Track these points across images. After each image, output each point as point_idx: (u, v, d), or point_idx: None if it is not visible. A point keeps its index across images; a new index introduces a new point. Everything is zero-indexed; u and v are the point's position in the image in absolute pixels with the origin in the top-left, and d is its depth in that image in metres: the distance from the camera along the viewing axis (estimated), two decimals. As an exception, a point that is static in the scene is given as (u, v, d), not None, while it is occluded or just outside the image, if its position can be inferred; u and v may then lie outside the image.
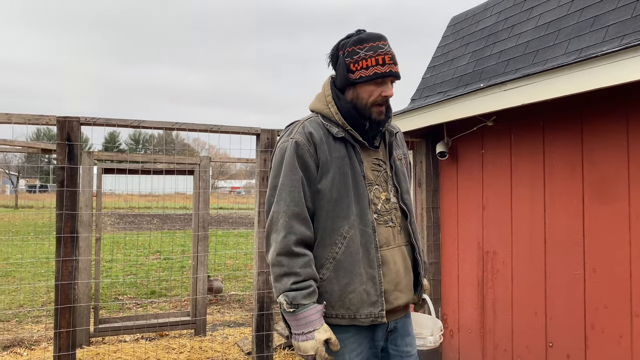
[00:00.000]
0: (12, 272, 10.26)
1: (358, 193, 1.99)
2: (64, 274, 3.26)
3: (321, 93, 2.11)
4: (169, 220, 23.61)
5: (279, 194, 1.95)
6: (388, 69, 1.98)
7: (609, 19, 3.34)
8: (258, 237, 3.78)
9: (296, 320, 1.88)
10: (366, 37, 2.00)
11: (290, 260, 1.89)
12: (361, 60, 1.98)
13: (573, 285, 3.32)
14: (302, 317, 1.87)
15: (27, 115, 3.34)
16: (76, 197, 3.31)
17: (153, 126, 3.60)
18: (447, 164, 4.44)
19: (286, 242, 1.89)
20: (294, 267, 1.88)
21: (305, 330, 1.87)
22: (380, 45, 1.98)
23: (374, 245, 1.98)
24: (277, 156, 2.01)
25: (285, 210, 1.92)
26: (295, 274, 1.88)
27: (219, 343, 5.62)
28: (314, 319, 1.87)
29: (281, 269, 1.89)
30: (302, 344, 1.87)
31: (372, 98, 2.00)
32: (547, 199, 3.52)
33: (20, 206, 31.60)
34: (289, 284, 1.87)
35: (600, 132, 3.20)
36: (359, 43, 2.00)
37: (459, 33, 5.24)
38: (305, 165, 1.95)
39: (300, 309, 1.86)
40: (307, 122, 2.04)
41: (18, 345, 5.53)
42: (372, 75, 1.97)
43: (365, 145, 2.05)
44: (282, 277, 1.89)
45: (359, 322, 1.95)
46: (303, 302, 1.87)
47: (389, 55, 1.98)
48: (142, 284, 9.25)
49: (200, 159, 5.95)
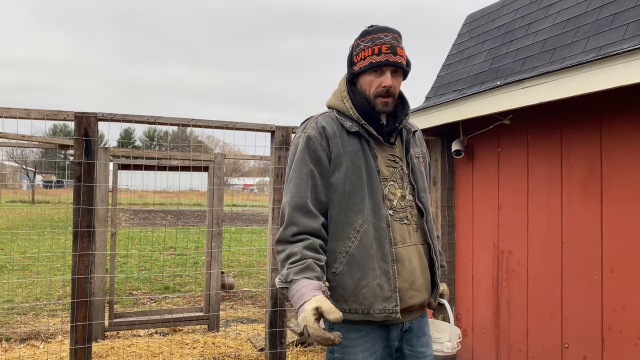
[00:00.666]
0: (29, 266, 10.40)
1: (372, 187, 1.97)
2: (80, 268, 3.29)
3: (337, 89, 2.11)
4: (182, 216, 23.77)
5: (287, 186, 1.97)
6: (384, 57, 1.95)
7: (629, 16, 3.29)
8: (272, 234, 3.79)
9: (292, 298, 1.82)
10: (370, 30, 2.01)
11: (287, 246, 1.89)
12: (361, 52, 1.99)
13: (590, 285, 3.28)
14: (295, 292, 1.79)
15: (45, 111, 3.37)
16: (93, 192, 3.35)
17: (169, 122, 3.62)
18: (463, 163, 4.41)
19: (286, 232, 1.91)
20: (292, 249, 1.87)
21: (298, 304, 1.78)
22: (380, 36, 1.98)
23: (388, 240, 1.96)
24: (291, 151, 2.04)
25: (289, 202, 1.93)
26: (293, 254, 1.86)
27: (232, 339, 5.65)
28: (304, 291, 1.77)
29: (281, 255, 1.90)
30: (300, 317, 1.77)
31: (373, 89, 1.99)
32: (565, 198, 3.48)
33: (37, 201, 32.02)
34: (286, 265, 1.86)
35: (619, 132, 3.16)
36: (362, 36, 2.02)
37: (475, 31, 5.20)
38: (317, 158, 1.95)
39: (293, 284, 1.80)
40: (321, 117, 2.04)
41: (35, 338, 5.61)
42: (367, 65, 1.97)
43: (380, 140, 2.03)
44: (283, 262, 1.89)
45: (372, 317, 1.92)
46: (294, 277, 1.80)
47: (387, 45, 1.96)
48: (156, 280, 9.33)
49: (214, 156, 5.98)
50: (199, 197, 25.78)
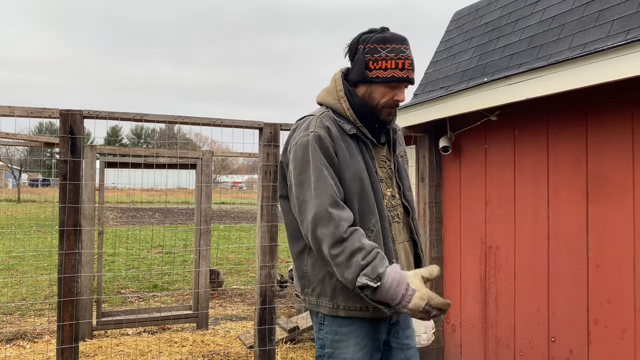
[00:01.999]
0: (15, 266, 10.29)
1: (374, 188, 2.00)
2: (66, 267, 3.26)
3: (332, 87, 2.08)
4: (171, 214, 23.65)
5: (315, 188, 1.89)
6: (406, 74, 1.96)
7: (614, 13, 3.32)
8: (261, 231, 3.78)
9: (387, 291, 1.78)
10: (390, 37, 1.97)
11: (348, 242, 1.82)
12: (381, 61, 1.95)
13: (576, 280, 3.31)
14: (391, 282, 1.78)
15: (30, 109, 3.33)
16: (79, 190, 3.31)
17: (156, 119, 3.59)
18: (450, 159, 4.43)
19: (339, 232, 1.83)
20: (355, 244, 1.82)
21: (402, 290, 1.77)
22: (402, 48, 1.96)
23: (391, 238, 2.01)
24: (299, 152, 1.95)
25: (330, 203, 1.86)
26: (360, 249, 1.81)
27: (221, 337, 5.63)
28: (399, 275, 1.79)
29: (345, 254, 1.82)
30: (411, 304, 1.77)
31: (384, 100, 1.99)
32: (551, 193, 3.51)
33: (23, 200, 31.66)
34: (359, 261, 1.80)
35: (605, 127, 3.19)
36: (382, 42, 1.96)
37: (462, 27, 5.22)
38: (331, 157, 1.93)
39: (384, 276, 1.78)
40: (322, 117, 2.01)
41: (21, 338, 5.55)
42: (389, 77, 1.95)
43: (374, 142, 2.07)
44: (350, 260, 1.81)
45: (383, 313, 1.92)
46: (381, 269, 1.79)
47: (409, 61, 1.96)
48: (144, 278, 9.27)
49: (202, 153, 5.95)
50: (187, 195, 25.67)
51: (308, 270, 2.02)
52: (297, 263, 2.06)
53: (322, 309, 2.00)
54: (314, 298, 2.01)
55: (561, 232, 3.42)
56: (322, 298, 1.99)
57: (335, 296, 1.96)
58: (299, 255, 2.05)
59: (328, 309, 1.98)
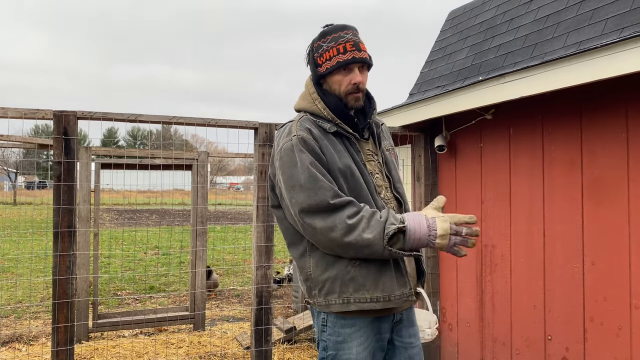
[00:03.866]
0: (10, 269, 10.25)
1: (366, 180, 2.01)
2: (61, 269, 3.25)
3: (305, 92, 2.11)
4: (167, 215, 23.60)
5: (310, 188, 1.88)
6: (350, 55, 1.98)
7: (608, 11, 3.32)
8: (257, 232, 3.77)
9: (414, 231, 1.85)
10: (329, 29, 2.03)
11: (364, 211, 1.88)
12: (325, 53, 2.01)
13: (572, 278, 3.31)
14: (412, 221, 1.86)
15: (23, 110, 3.32)
16: (73, 191, 3.30)
17: (150, 120, 3.58)
18: (446, 158, 4.43)
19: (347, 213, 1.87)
20: (369, 210, 1.89)
21: (424, 222, 1.86)
22: (342, 34, 2.00)
23: None
24: (285, 157, 1.95)
25: (330, 195, 1.87)
26: (374, 212, 1.89)
27: (217, 338, 5.62)
28: (414, 215, 1.88)
29: (363, 221, 1.86)
30: (439, 230, 1.84)
31: (343, 87, 2.02)
32: (546, 192, 3.51)
33: (19, 203, 31.55)
34: (379, 219, 1.86)
35: (599, 125, 3.19)
36: (323, 37, 2.03)
37: (457, 27, 5.22)
38: (318, 157, 1.94)
39: (405, 219, 1.87)
40: (301, 120, 2.02)
41: (17, 341, 5.53)
42: (335, 64, 1.99)
43: (357, 137, 2.07)
44: (370, 221, 1.86)
45: (393, 303, 1.95)
46: (399, 216, 1.89)
47: (350, 42, 1.99)
48: (140, 280, 9.25)
49: (198, 154, 5.94)
50: (183, 196, 25.62)
51: (312, 272, 1.99)
52: (300, 266, 2.04)
53: (333, 307, 1.95)
54: (322, 298, 1.97)
55: (556, 230, 3.43)
56: (331, 296, 1.95)
57: (344, 291, 1.93)
58: (301, 258, 2.03)
59: (339, 305, 1.94)
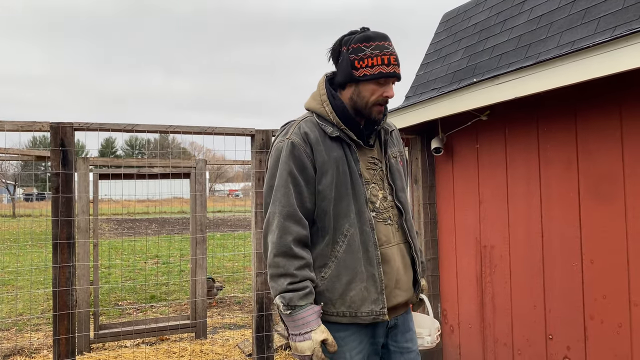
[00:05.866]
0: (10, 281, 10.22)
1: (355, 191, 1.99)
2: (61, 280, 3.25)
3: (316, 92, 2.10)
4: (167, 224, 23.58)
5: (274, 194, 1.95)
6: (392, 69, 1.98)
7: (600, 10, 3.34)
8: (255, 239, 3.77)
9: (293, 321, 1.89)
10: (373, 35, 1.99)
11: (287, 262, 1.89)
12: (367, 59, 1.96)
13: (571, 277, 3.32)
14: (299, 318, 1.88)
15: (20, 122, 3.32)
16: (72, 203, 3.30)
17: (147, 129, 3.59)
18: (443, 160, 4.44)
19: (283, 242, 1.90)
20: (290, 269, 1.88)
21: (302, 330, 1.88)
22: (386, 45, 1.98)
23: (373, 242, 1.98)
24: (273, 157, 2.01)
25: (280, 211, 1.92)
26: (292, 275, 1.88)
27: (219, 345, 5.61)
28: (310, 319, 1.88)
29: (277, 270, 1.90)
30: (299, 344, 1.88)
31: (374, 97, 2.00)
32: (543, 191, 3.52)
33: (18, 215, 31.50)
34: (285, 285, 1.88)
35: (594, 124, 3.21)
36: (365, 41, 1.98)
37: (451, 29, 5.24)
38: (303, 166, 1.95)
39: (297, 310, 1.87)
40: (303, 122, 2.03)
41: (18, 354, 5.51)
42: (376, 74, 1.96)
43: (360, 144, 2.05)
44: (279, 278, 1.89)
45: (360, 319, 1.95)
46: (299, 303, 1.87)
47: (394, 56, 1.99)
48: (141, 289, 9.23)
49: (196, 162, 5.95)
50: (182, 205, 25.61)
51: None
52: None
53: None
54: None
55: (554, 230, 3.43)
56: None
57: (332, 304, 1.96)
58: None
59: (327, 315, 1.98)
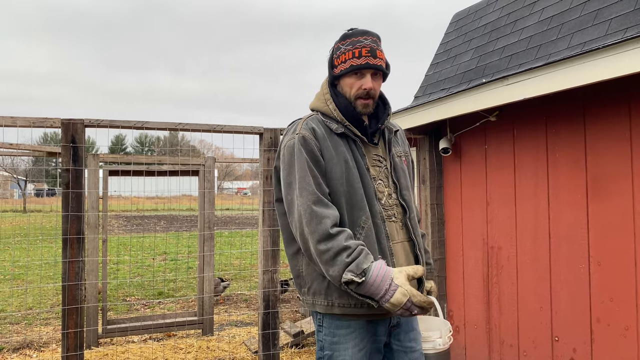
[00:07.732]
0: (21, 276, 10.33)
1: (365, 184, 2.01)
2: (70, 275, 3.28)
3: (320, 92, 2.15)
4: (175, 221, 23.69)
5: (299, 188, 1.93)
6: (364, 61, 2.00)
7: (611, 12, 3.32)
8: (263, 236, 3.79)
9: (372, 285, 1.81)
10: (350, 33, 2.06)
11: (334, 241, 1.85)
12: (341, 55, 2.04)
13: (578, 279, 3.31)
14: (375, 276, 1.81)
15: (32, 119, 3.36)
16: (82, 198, 3.34)
17: (156, 127, 3.61)
18: (451, 160, 4.44)
19: (322, 228, 1.86)
20: (341, 243, 1.84)
21: (385, 285, 1.81)
22: (361, 39, 2.02)
23: (385, 235, 2.00)
24: (287, 155, 2.01)
25: (309, 201, 1.90)
26: (345, 248, 1.84)
27: (226, 342, 5.64)
28: (384, 271, 1.82)
29: (329, 253, 1.85)
30: (393, 299, 1.80)
31: (354, 91, 2.04)
32: (551, 193, 3.51)
33: (29, 210, 31.78)
34: (344, 259, 1.83)
35: (603, 125, 3.19)
36: (343, 39, 2.06)
37: (461, 29, 5.23)
38: (315, 157, 1.97)
39: (368, 271, 1.81)
40: (309, 119, 2.07)
41: (27, 347, 5.57)
42: (348, 67, 2.02)
43: (364, 140, 2.08)
44: (335, 258, 1.84)
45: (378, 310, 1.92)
46: (366, 264, 1.82)
47: (367, 48, 2.01)
48: (149, 285, 9.29)
49: (204, 160, 5.98)
50: (191, 202, 25.73)
51: (303, 270, 2.04)
52: (293, 264, 2.09)
53: (318, 307, 2.01)
54: (310, 297, 2.03)
55: (562, 231, 3.42)
56: (318, 296, 2.01)
57: (330, 293, 1.97)
58: (294, 256, 2.08)
59: (323, 307, 1.99)
